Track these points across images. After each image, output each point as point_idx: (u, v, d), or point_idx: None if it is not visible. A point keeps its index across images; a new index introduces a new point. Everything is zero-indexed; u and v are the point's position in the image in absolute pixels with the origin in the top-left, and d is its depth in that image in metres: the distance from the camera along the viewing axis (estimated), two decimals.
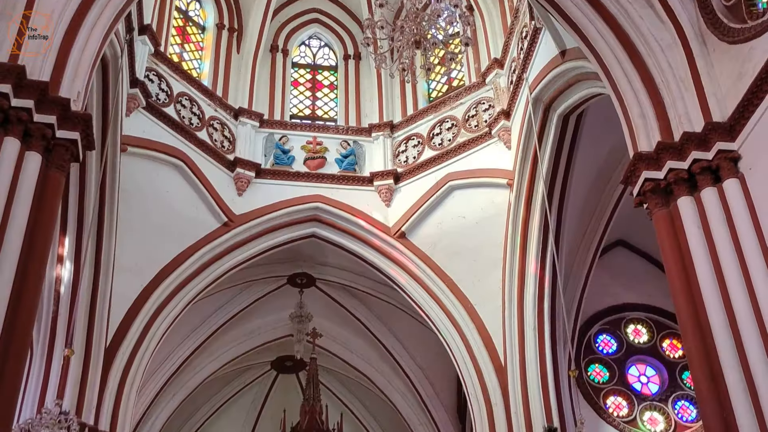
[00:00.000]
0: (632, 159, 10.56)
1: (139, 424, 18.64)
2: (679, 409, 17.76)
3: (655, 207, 10.26)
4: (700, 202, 9.87)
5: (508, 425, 16.54)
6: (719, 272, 9.47)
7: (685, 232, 9.87)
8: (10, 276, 8.28)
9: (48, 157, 9.12)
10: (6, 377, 7.94)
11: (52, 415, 10.57)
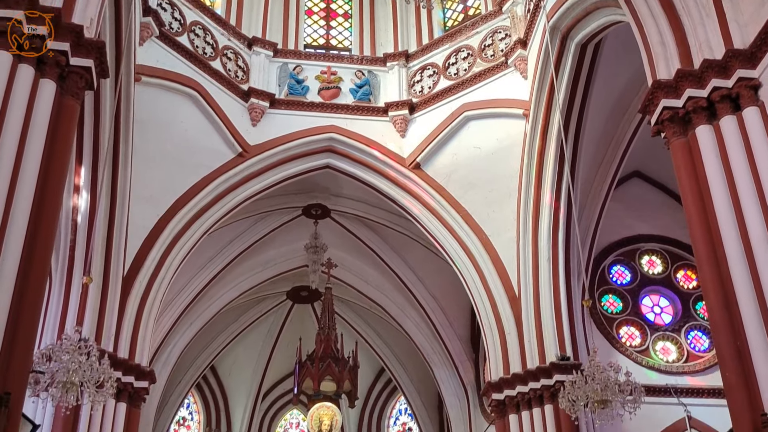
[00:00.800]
0: (651, 87, 10.42)
1: (157, 351, 18.95)
2: (692, 339, 17.86)
3: (673, 136, 10.16)
4: (718, 131, 9.75)
5: (521, 354, 16.73)
6: (736, 201, 9.40)
7: (702, 161, 9.78)
8: (28, 204, 8.32)
9: (62, 84, 9.09)
10: (26, 304, 8.04)
11: (72, 341, 10.74)
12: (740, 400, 8.59)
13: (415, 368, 22.83)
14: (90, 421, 14.55)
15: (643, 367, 17.02)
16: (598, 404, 11.44)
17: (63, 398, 10.55)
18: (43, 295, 8.47)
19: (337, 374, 17.68)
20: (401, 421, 24.59)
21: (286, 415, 25.28)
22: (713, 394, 16.32)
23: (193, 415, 23.84)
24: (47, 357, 10.68)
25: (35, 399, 10.86)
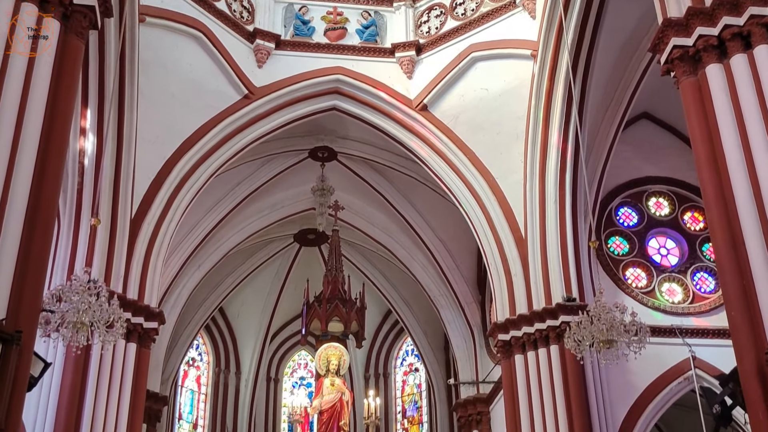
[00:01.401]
0: (661, 25, 10.28)
1: (166, 293, 19.11)
2: (698, 281, 17.92)
3: (683, 75, 10.05)
4: (729, 70, 9.65)
5: (527, 295, 16.84)
6: (745, 141, 9.34)
7: (712, 100, 9.70)
8: (34, 145, 8.32)
9: (66, 23, 9.03)
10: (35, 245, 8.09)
11: (81, 282, 10.81)
12: (745, 338, 8.64)
13: (422, 310, 23.01)
14: (101, 360, 14.77)
15: (649, 308, 17.11)
16: (603, 344, 11.49)
17: (74, 338, 10.65)
18: (51, 235, 8.51)
19: (345, 315, 17.82)
20: (408, 362, 24.86)
21: (294, 356, 25.57)
22: (718, 335, 16.43)
23: (202, 356, 24.12)
24: (57, 298, 10.76)
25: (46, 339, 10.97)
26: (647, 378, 16.51)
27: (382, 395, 22.79)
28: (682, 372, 16.51)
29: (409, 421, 24.18)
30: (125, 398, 15.04)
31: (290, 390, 24.62)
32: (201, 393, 23.67)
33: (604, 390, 16.13)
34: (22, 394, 7.53)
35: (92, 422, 14.39)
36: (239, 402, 23.93)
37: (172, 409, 22.19)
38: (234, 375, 24.26)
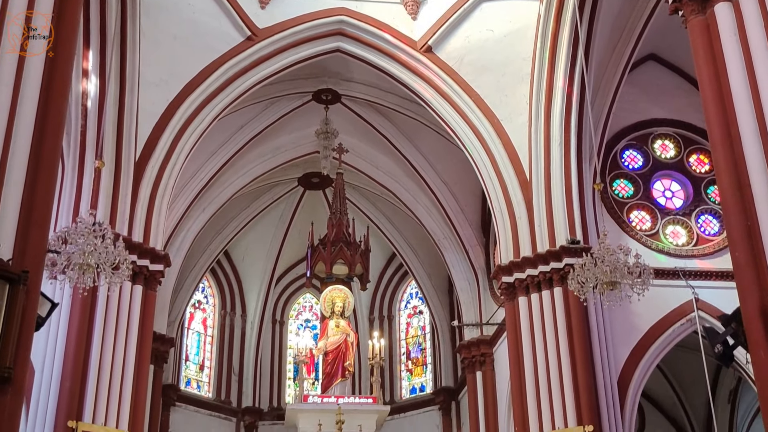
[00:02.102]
0: None
1: (171, 236, 19.20)
2: (702, 223, 17.92)
3: (691, 14, 9.90)
4: (738, 9, 9.46)
5: (531, 238, 16.88)
6: (753, 81, 9.21)
7: (720, 40, 9.56)
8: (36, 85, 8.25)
9: None
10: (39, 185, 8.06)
11: (87, 224, 10.87)
12: (748, 279, 8.64)
13: (426, 253, 23.08)
14: (107, 302, 14.91)
15: (653, 250, 17.15)
16: (606, 286, 11.57)
17: (80, 280, 10.75)
18: (55, 176, 8.49)
19: (349, 258, 17.89)
20: (412, 305, 25.03)
21: (299, 298, 25.74)
22: (721, 277, 16.50)
23: (208, 298, 24.30)
24: (63, 239, 10.83)
25: (53, 281, 11.06)
26: (650, 320, 16.63)
27: (386, 337, 22.96)
28: (685, 314, 16.62)
29: (413, 363, 24.44)
30: (132, 339, 15.21)
31: (295, 332, 24.84)
32: (207, 335, 23.90)
33: (607, 332, 16.26)
34: (29, 334, 7.58)
35: (100, 363, 14.60)
36: (245, 344, 24.17)
37: (179, 350, 22.43)
38: (240, 317, 24.47)
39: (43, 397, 14.11)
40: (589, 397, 15.35)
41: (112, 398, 14.65)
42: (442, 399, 22.81)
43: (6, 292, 7.30)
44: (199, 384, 23.08)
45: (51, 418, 13.96)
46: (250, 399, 23.50)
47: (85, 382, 14.33)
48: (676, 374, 20.48)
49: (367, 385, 21.33)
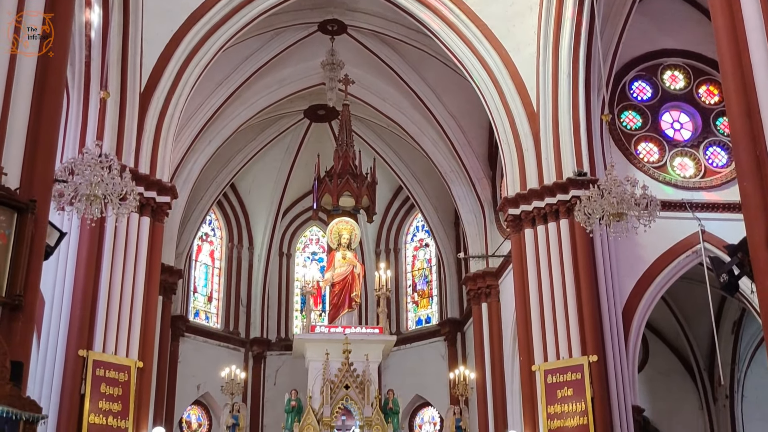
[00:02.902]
0: None
1: (178, 169, 19.18)
2: (710, 155, 17.85)
3: None
4: None
5: (538, 170, 16.84)
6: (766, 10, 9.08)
7: None
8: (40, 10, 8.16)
9: None
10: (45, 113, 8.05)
11: (93, 155, 10.84)
12: (755, 208, 8.62)
13: (433, 186, 23.06)
14: (115, 233, 15.00)
15: (660, 182, 17.13)
16: (613, 217, 11.54)
17: (87, 211, 10.76)
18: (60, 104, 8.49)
19: (356, 190, 17.88)
20: (418, 237, 25.11)
21: (306, 231, 25.83)
22: (728, 209, 16.49)
23: (215, 231, 24.40)
24: (69, 171, 10.82)
25: (61, 213, 11.11)
26: (655, 252, 16.69)
27: (392, 270, 23.08)
28: (691, 246, 16.67)
29: (419, 295, 24.63)
30: (141, 270, 15.35)
31: (302, 264, 24.99)
32: (215, 267, 24.08)
33: (612, 263, 16.35)
34: (39, 262, 7.65)
35: (109, 293, 14.76)
36: (252, 276, 24.35)
37: (187, 282, 22.63)
38: (247, 250, 24.60)
39: (54, 327, 14.31)
40: (593, 328, 15.49)
41: (122, 328, 14.85)
42: (447, 330, 23.04)
43: (14, 221, 7.35)
44: (207, 315, 23.34)
45: (62, 348, 14.19)
46: (258, 330, 23.78)
47: (94, 312, 14.51)
48: (681, 306, 20.61)
49: (373, 317, 21.53)
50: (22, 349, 7.14)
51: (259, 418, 22.52)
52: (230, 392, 14.73)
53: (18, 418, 6.57)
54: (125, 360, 14.72)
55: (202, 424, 22.25)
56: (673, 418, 21.02)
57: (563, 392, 15.32)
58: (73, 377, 14.02)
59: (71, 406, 13.87)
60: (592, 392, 15.06)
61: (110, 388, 14.30)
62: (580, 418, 15.04)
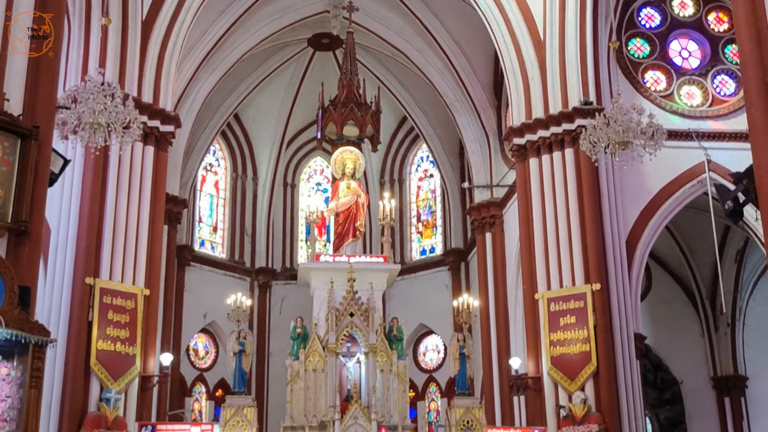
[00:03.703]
0: None
1: (181, 98, 19.05)
2: (718, 84, 17.68)
3: None
4: None
5: (544, 99, 16.73)
6: None
7: None
8: None
9: None
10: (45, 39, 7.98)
11: (96, 83, 10.75)
12: (762, 136, 8.58)
13: (438, 116, 22.91)
14: (119, 162, 15.00)
15: (666, 111, 17.01)
16: (618, 146, 11.47)
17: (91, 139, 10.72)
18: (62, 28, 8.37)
19: (360, 119, 17.73)
20: (423, 168, 25.05)
21: (310, 162, 25.78)
22: (734, 138, 16.43)
23: (219, 161, 24.37)
24: (72, 98, 10.75)
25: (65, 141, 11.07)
26: (660, 181, 16.68)
27: (396, 200, 23.08)
28: (696, 175, 16.64)
29: (423, 225, 24.70)
30: (145, 199, 15.39)
31: (307, 194, 25.01)
32: (219, 197, 24.12)
33: (617, 193, 16.35)
34: (43, 189, 7.67)
35: (114, 221, 14.83)
36: (257, 206, 24.41)
37: (192, 212, 22.70)
38: (251, 180, 24.61)
39: (60, 255, 14.43)
40: (597, 257, 15.58)
41: (128, 256, 14.96)
42: (451, 260, 23.18)
43: (18, 147, 7.35)
44: (212, 245, 23.47)
45: (69, 276, 14.32)
46: (263, 259, 23.94)
47: (100, 241, 14.61)
48: (685, 235, 20.67)
49: (377, 247, 21.61)
50: (29, 274, 7.20)
51: (265, 346, 22.82)
52: (236, 319, 14.85)
53: (27, 342, 6.67)
54: (132, 288, 14.86)
55: (209, 351, 22.56)
56: (675, 346, 21.30)
57: (566, 320, 15.48)
58: (80, 304, 14.18)
59: (79, 333, 14.07)
60: (594, 320, 15.22)
61: (117, 315, 14.48)
62: (582, 346, 15.23)
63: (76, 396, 13.79)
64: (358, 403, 14.34)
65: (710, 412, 21.08)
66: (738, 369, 21.18)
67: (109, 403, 13.92)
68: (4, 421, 6.51)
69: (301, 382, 15.24)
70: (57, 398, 13.72)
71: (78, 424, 13.68)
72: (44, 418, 12.30)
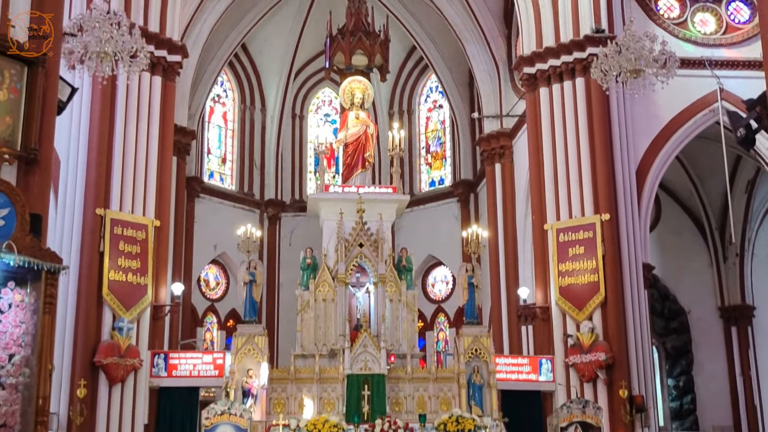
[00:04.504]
0: None
1: (188, 28, 18.83)
2: (733, 11, 17.39)
3: None
4: None
5: (555, 27, 16.53)
6: None
7: None
8: None
9: None
10: None
11: (102, 11, 10.64)
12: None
13: (447, 45, 22.63)
14: (127, 92, 14.93)
15: (679, 39, 16.78)
16: (630, 74, 11.35)
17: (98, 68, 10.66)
18: None
19: (368, 48, 17.54)
20: (432, 99, 24.87)
21: (318, 93, 25.61)
22: (748, 66, 16.25)
23: (227, 92, 24.23)
24: (78, 27, 10.65)
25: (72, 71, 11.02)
26: (672, 110, 16.55)
27: (405, 131, 22.97)
28: (708, 104, 16.49)
29: (432, 157, 24.64)
30: (154, 129, 15.37)
31: (315, 126, 24.90)
32: (228, 129, 24.06)
33: (628, 122, 16.24)
34: (52, 116, 7.62)
35: (123, 151, 14.85)
36: (266, 137, 24.37)
37: (201, 143, 22.68)
38: (259, 111, 24.51)
39: (71, 186, 14.48)
40: (606, 187, 15.55)
41: (138, 187, 15.01)
42: (460, 191, 23.19)
43: (25, 75, 7.29)
44: (222, 177, 23.50)
45: (79, 207, 14.40)
46: (272, 191, 23.99)
47: (110, 171, 14.65)
48: (695, 165, 20.58)
49: (387, 178, 21.60)
50: (40, 202, 7.20)
51: (275, 277, 23.01)
52: (246, 250, 14.92)
53: (40, 269, 6.71)
54: (142, 219, 14.94)
55: (220, 282, 22.77)
56: (683, 276, 21.40)
57: (575, 250, 15.53)
58: (91, 235, 14.29)
59: (91, 264, 14.21)
60: (603, 250, 15.27)
61: (128, 246, 14.60)
62: (590, 276, 15.31)
63: (89, 325, 14.00)
64: (367, 332, 14.48)
65: (717, 342, 21.29)
66: (746, 299, 21.30)
67: (121, 332, 14.13)
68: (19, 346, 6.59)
69: (311, 311, 15.40)
70: (71, 327, 13.93)
71: (92, 352, 13.91)
72: (59, 347, 12.52)
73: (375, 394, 13.74)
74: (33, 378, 6.66)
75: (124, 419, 14.15)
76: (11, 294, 6.65)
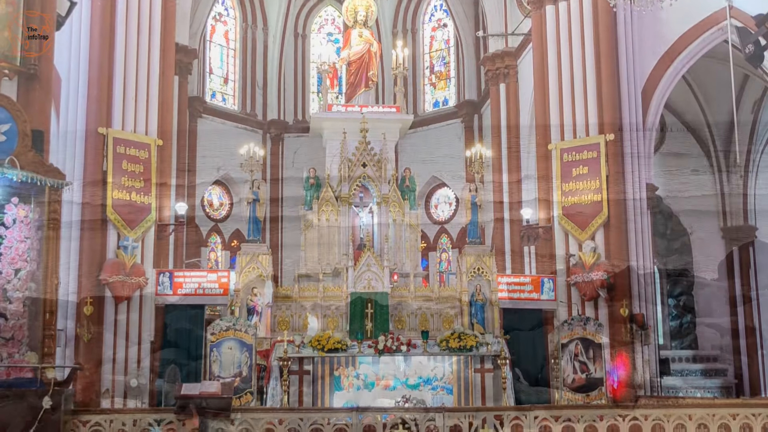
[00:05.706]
0: None
1: None
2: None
3: None
4: None
5: None
6: None
7: None
8: None
9: None
10: None
11: None
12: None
13: None
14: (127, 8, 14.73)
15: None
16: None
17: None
18: None
19: None
20: (436, 17, 24.47)
21: (321, 11, 25.18)
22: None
23: (228, 11, 23.84)
24: None
25: None
26: (679, 29, 16.22)
27: (410, 50, 22.68)
28: (716, 23, 16.14)
29: (436, 77, 24.37)
30: (155, 47, 15.20)
31: (318, 44, 24.57)
32: (230, 48, 23.75)
33: (634, 41, 16.01)
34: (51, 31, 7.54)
35: (125, 70, 14.71)
36: (268, 57, 24.05)
37: (203, 63, 22.42)
38: (261, 30, 24.15)
39: (72, 105, 14.40)
40: (611, 107, 15.45)
41: (140, 106, 14.93)
42: (464, 112, 23.00)
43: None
44: (224, 97, 23.30)
45: (81, 126, 14.35)
46: (275, 112, 23.80)
47: (111, 90, 14.55)
48: (701, 85, 20.32)
49: (390, 98, 21.42)
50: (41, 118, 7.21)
51: (278, 198, 23.00)
52: (250, 169, 14.93)
53: (43, 184, 6.73)
54: (145, 138, 14.89)
55: (223, 203, 22.81)
56: (687, 197, 21.35)
57: (578, 170, 15.51)
58: (94, 154, 14.26)
59: (95, 183, 14.20)
60: (606, 170, 15.23)
61: (132, 165, 14.59)
62: (593, 196, 15.32)
63: (94, 243, 14.08)
64: (371, 251, 14.58)
65: (718, 262, 21.37)
66: (748, 220, 21.31)
67: (126, 251, 14.24)
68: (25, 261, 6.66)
69: (315, 231, 15.48)
70: (75, 246, 14.01)
71: (97, 270, 14.03)
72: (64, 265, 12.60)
73: (378, 312, 13.93)
74: (39, 292, 6.75)
75: (130, 336, 14.36)
76: (15, 209, 6.68)
